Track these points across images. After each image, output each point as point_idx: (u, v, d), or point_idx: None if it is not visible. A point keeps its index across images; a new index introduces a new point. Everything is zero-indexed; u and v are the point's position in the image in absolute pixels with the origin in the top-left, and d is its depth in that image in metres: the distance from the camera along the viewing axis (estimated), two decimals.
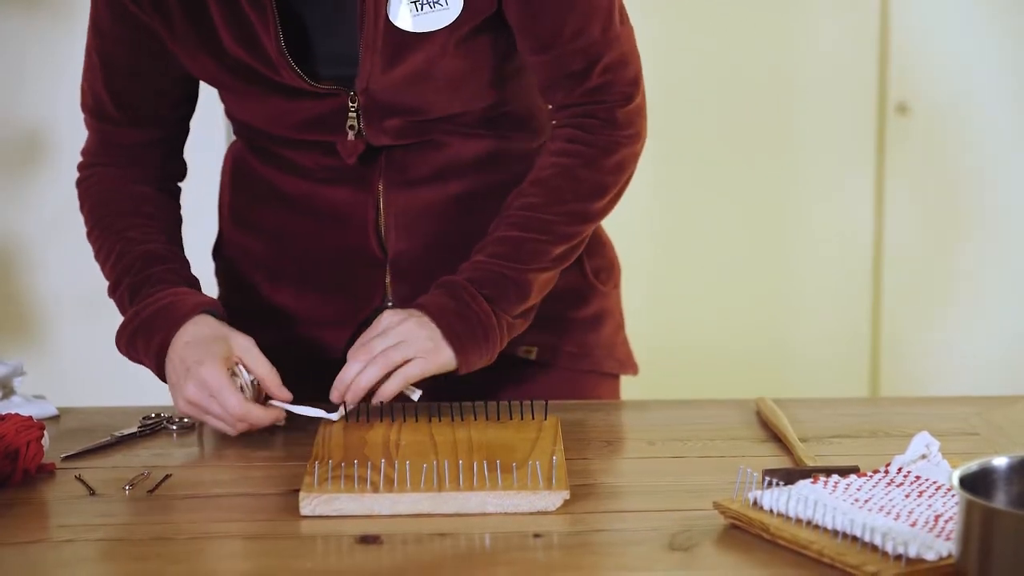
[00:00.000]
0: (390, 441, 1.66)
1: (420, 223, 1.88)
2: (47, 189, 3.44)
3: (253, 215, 1.96)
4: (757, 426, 1.78)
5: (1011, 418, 1.81)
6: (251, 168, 1.95)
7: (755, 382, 3.17)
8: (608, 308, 2.02)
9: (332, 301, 1.92)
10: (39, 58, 3.43)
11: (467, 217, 1.89)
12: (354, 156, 1.84)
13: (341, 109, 1.81)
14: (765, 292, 3.89)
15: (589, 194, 1.84)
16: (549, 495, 1.49)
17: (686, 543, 1.41)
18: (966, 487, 1.25)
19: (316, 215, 1.90)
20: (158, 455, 1.70)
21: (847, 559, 1.33)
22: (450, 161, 1.88)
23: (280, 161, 1.91)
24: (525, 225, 1.81)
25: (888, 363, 3.98)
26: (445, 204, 1.89)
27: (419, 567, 1.37)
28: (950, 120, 3.91)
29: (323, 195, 1.89)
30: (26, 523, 1.50)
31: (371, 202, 1.87)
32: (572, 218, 1.83)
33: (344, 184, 1.88)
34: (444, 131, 1.87)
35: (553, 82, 1.84)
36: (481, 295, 1.77)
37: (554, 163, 1.84)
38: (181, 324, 1.75)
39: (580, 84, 1.83)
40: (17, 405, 1.79)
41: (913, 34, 3.85)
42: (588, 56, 1.82)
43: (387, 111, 1.82)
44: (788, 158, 3.88)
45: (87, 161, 1.96)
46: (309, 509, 1.49)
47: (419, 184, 1.87)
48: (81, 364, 3.60)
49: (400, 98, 1.81)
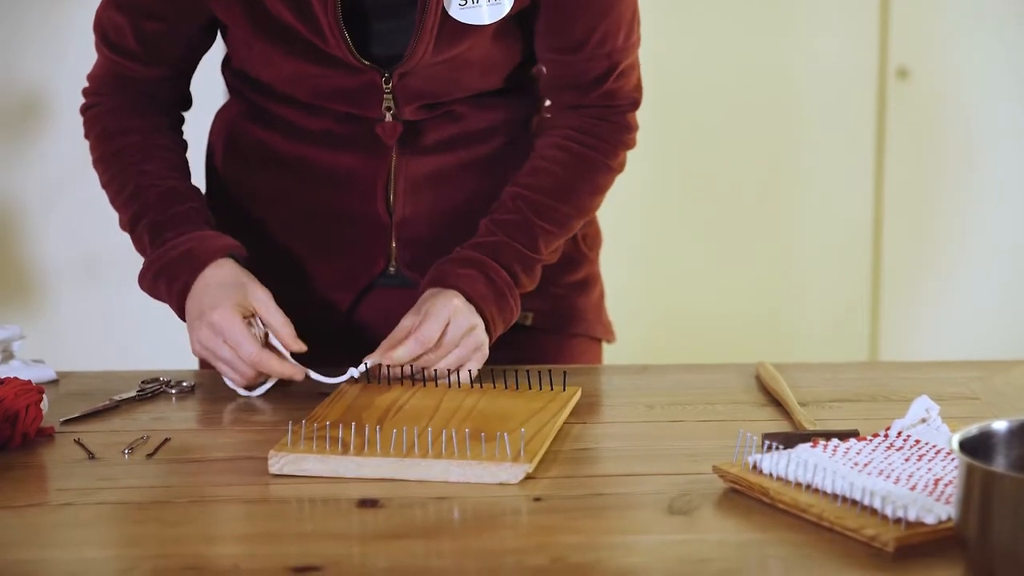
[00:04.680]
0: (395, 404, 1.66)
1: (428, 189, 1.89)
2: (47, 153, 3.44)
3: (244, 180, 1.95)
4: (757, 390, 1.78)
5: (1011, 382, 1.81)
6: (246, 133, 1.94)
7: (755, 349, 3.17)
8: (594, 274, 2.04)
9: (333, 265, 1.91)
10: (38, 22, 3.42)
11: (472, 183, 1.90)
12: (394, 138, 1.84)
13: (372, 87, 1.81)
14: (765, 260, 3.89)
15: (596, 190, 1.89)
16: (511, 467, 1.48)
17: (686, 507, 1.41)
18: (966, 451, 1.25)
19: (317, 179, 1.89)
20: (157, 419, 1.70)
21: (846, 523, 1.33)
22: (464, 131, 1.89)
23: (282, 125, 1.90)
24: (540, 213, 1.84)
25: (887, 329, 3.98)
26: (453, 171, 1.90)
27: (419, 530, 1.38)
28: (950, 84, 3.90)
29: (327, 159, 1.88)
30: (25, 487, 1.50)
31: (383, 167, 1.87)
32: (579, 212, 1.88)
33: (353, 150, 1.87)
34: (462, 103, 1.88)
35: (567, 83, 1.87)
36: (514, 282, 1.81)
37: (567, 152, 1.87)
38: (203, 268, 1.75)
39: (596, 88, 1.87)
40: (16, 369, 1.79)
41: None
42: (610, 62, 1.85)
43: (418, 93, 1.82)
44: (788, 124, 3.87)
45: (95, 88, 1.93)
46: (277, 468, 1.50)
47: (431, 151, 1.88)
48: (80, 328, 3.60)
49: (434, 81, 1.82)
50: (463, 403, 1.67)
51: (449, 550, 1.33)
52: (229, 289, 1.73)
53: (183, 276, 1.76)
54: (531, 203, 1.84)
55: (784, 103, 3.86)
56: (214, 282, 1.74)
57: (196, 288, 1.75)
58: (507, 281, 1.80)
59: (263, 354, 1.70)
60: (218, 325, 1.70)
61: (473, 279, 1.78)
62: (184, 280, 1.76)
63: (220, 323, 1.70)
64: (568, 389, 1.72)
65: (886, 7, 3.82)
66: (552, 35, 1.84)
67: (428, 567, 1.30)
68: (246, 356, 1.69)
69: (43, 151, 3.44)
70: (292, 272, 1.92)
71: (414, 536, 1.36)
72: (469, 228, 1.86)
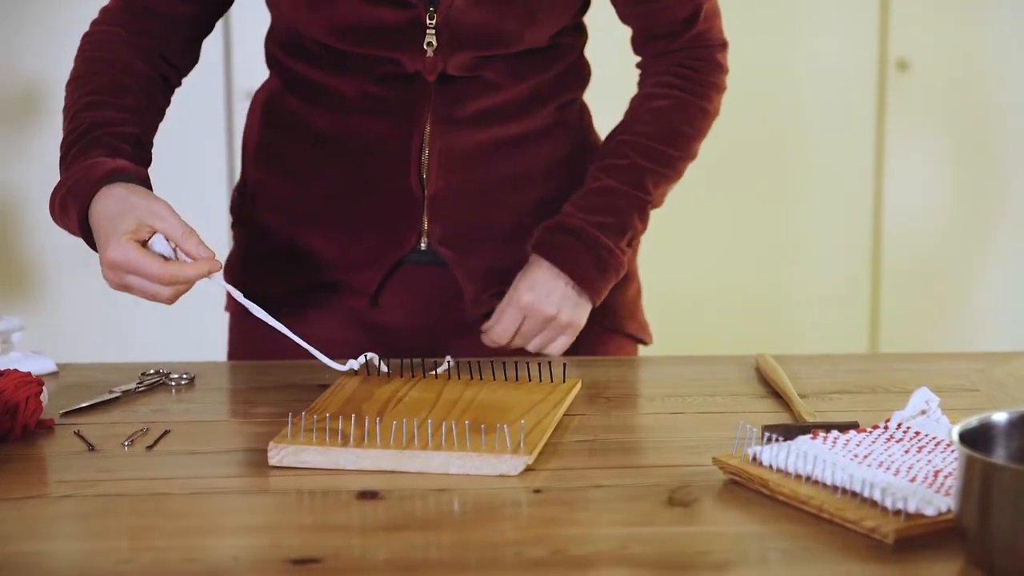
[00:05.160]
0: (395, 396, 1.66)
1: (461, 162, 1.88)
2: (47, 144, 3.43)
3: (280, 154, 1.94)
4: (757, 382, 1.78)
5: (1011, 374, 1.81)
6: (283, 104, 1.93)
7: (755, 341, 3.17)
8: (632, 271, 2.02)
9: (363, 241, 1.90)
10: (38, 11, 3.42)
11: (505, 161, 1.90)
12: (435, 74, 1.83)
13: (416, 24, 1.80)
14: (765, 251, 3.89)
15: (697, 133, 1.93)
16: (511, 459, 1.48)
17: (686, 498, 1.41)
18: (966, 442, 1.25)
19: (350, 151, 1.88)
20: (157, 411, 1.70)
21: (846, 514, 1.33)
22: (498, 104, 1.88)
23: (317, 92, 1.89)
24: (647, 155, 1.88)
25: (887, 321, 3.99)
26: (487, 148, 1.89)
27: (419, 522, 1.37)
28: (951, 76, 3.89)
29: (361, 127, 1.87)
30: (25, 479, 1.50)
31: (416, 136, 1.86)
32: (685, 155, 1.92)
33: (386, 116, 1.86)
34: (499, 71, 1.86)
35: (656, 31, 1.91)
36: (618, 249, 1.87)
37: (665, 98, 1.91)
38: (89, 200, 1.70)
39: (686, 30, 1.91)
40: (16, 361, 1.79)
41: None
42: (694, 3, 1.89)
43: (462, 35, 1.81)
44: (788, 116, 3.87)
45: (102, 18, 1.91)
46: (276, 460, 1.50)
47: (465, 123, 1.87)
48: (80, 320, 3.61)
49: (477, 21, 1.81)
50: (463, 395, 1.67)
51: (449, 542, 1.33)
52: (116, 219, 1.66)
53: (74, 210, 1.71)
54: (635, 146, 1.89)
55: (784, 94, 3.86)
56: (104, 214, 1.67)
57: (92, 223, 1.69)
58: (607, 246, 1.85)
59: (169, 268, 1.64)
60: (116, 260, 1.65)
61: (575, 250, 1.85)
62: (76, 215, 1.71)
63: (116, 257, 1.64)
64: (568, 381, 1.72)
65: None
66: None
67: (428, 559, 1.30)
68: (156, 278, 1.64)
69: (43, 145, 3.44)
70: (323, 251, 1.91)
71: (414, 528, 1.36)
72: (502, 207, 1.88)
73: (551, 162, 1.93)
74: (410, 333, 1.93)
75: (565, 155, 1.94)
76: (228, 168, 3.66)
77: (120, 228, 1.65)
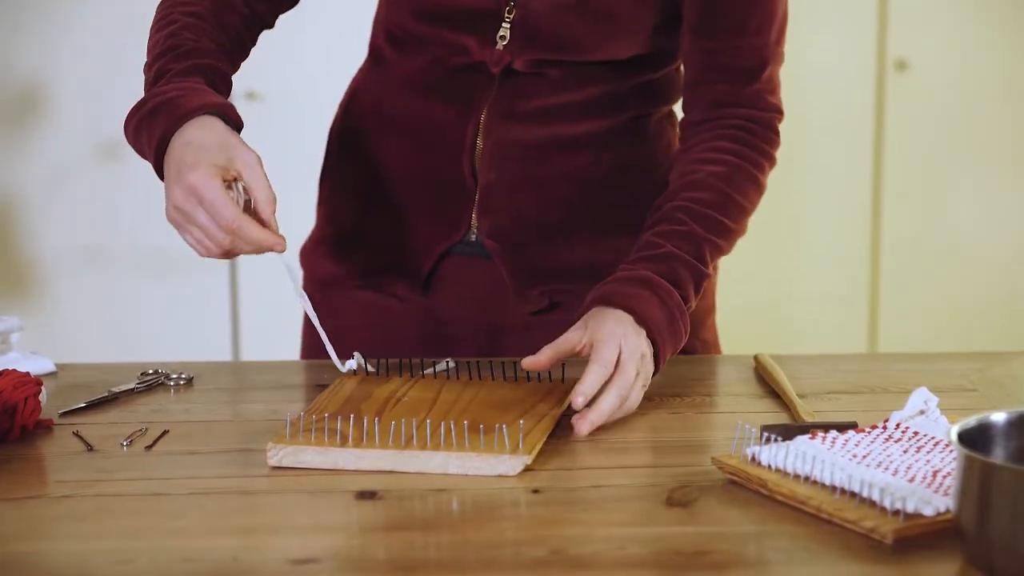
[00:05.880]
0: (393, 396, 1.66)
1: (515, 157, 1.86)
2: (47, 146, 3.44)
3: (355, 139, 1.95)
4: (755, 382, 1.78)
5: (1009, 374, 1.81)
6: (364, 93, 1.95)
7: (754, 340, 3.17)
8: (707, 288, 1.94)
9: (416, 227, 1.90)
10: (38, 11, 3.42)
11: (561, 160, 1.87)
12: (500, 66, 1.82)
13: (494, 14, 1.80)
14: (764, 251, 3.89)
15: (751, 205, 1.83)
16: (509, 459, 1.48)
17: (684, 498, 1.41)
18: (964, 443, 1.25)
19: (414, 136, 1.89)
20: (156, 411, 1.70)
21: (845, 514, 1.33)
22: (561, 104, 1.85)
23: (392, 74, 1.90)
24: (706, 224, 1.76)
25: (886, 321, 3.99)
26: (543, 143, 1.86)
27: (417, 523, 1.37)
28: (949, 76, 3.90)
29: (424, 112, 1.87)
30: (24, 479, 1.50)
31: (472, 126, 1.85)
32: (739, 226, 1.81)
33: (448, 103, 1.86)
34: (567, 73, 1.84)
35: (718, 74, 1.82)
36: (685, 306, 1.71)
37: (719, 160, 1.81)
38: (184, 121, 1.64)
39: (748, 83, 1.83)
40: (15, 361, 1.79)
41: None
42: (761, 57, 1.82)
43: (536, 34, 1.80)
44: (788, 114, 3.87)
45: None
46: (275, 460, 1.49)
47: (523, 119, 1.85)
48: (79, 320, 3.60)
49: (553, 25, 1.79)
50: (462, 395, 1.67)
51: (448, 542, 1.33)
52: (212, 149, 1.61)
53: (160, 125, 1.65)
54: (694, 214, 1.76)
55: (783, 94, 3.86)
56: (196, 140, 1.62)
57: (176, 144, 1.63)
58: (678, 303, 1.69)
59: (242, 219, 1.58)
60: (195, 187, 1.58)
61: (646, 300, 1.67)
62: (162, 130, 1.64)
63: (198, 184, 1.58)
64: (567, 381, 1.72)
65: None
66: (705, 15, 1.80)
67: (427, 559, 1.30)
68: (225, 222, 1.58)
69: (43, 144, 3.44)
70: (382, 235, 1.92)
71: (413, 528, 1.36)
72: (555, 205, 1.86)
73: (613, 168, 1.89)
74: (463, 326, 1.92)
75: (631, 164, 1.90)
76: None
77: (211, 158, 1.60)
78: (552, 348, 1.65)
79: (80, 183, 3.49)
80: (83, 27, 3.32)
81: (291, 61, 3.52)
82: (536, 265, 1.89)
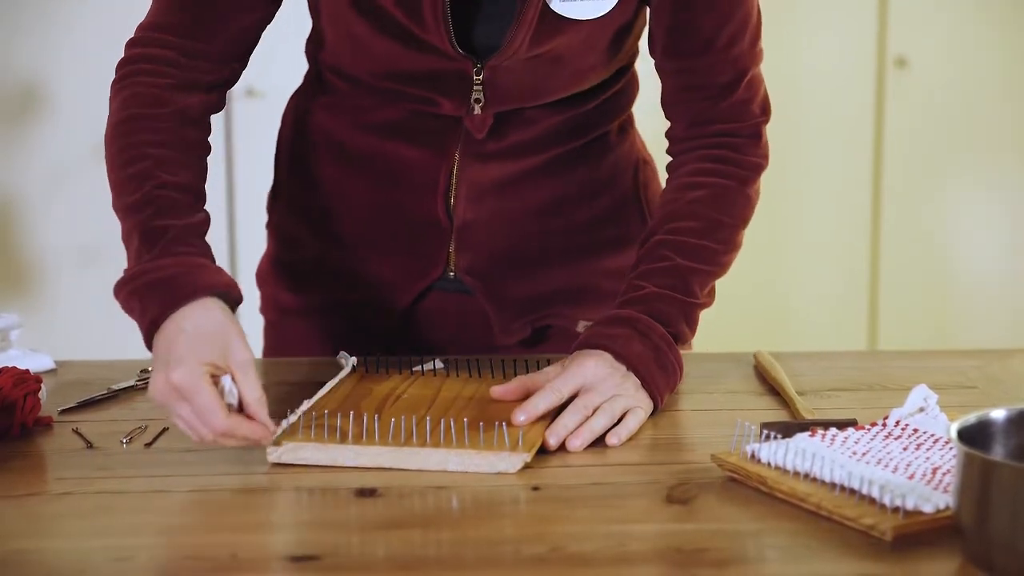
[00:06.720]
0: (393, 394, 1.66)
1: (490, 194, 1.84)
2: (46, 144, 3.44)
3: (311, 167, 1.91)
4: (755, 379, 1.78)
5: (1009, 371, 1.81)
6: (316, 121, 1.89)
7: (753, 338, 3.17)
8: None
9: (392, 265, 1.88)
10: (37, 10, 3.42)
11: (535, 190, 1.86)
12: (484, 131, 1.79)
13: (462, 77, 1.75)
14: (763, 248, 3.89)
15: (740, 223, 1.78)
16: (509, 456, 1.48)
17: (684, 496, 1.41)
18: (964, 440, 1.25)
19: (381, 175, 1.85)
20: (155, 408, 1.69)
21: (845, 511, 1.33)
22: (532, 137, 1.83)
23: (353, 114, 1.85)
24: (690, 254, 1.72)
25: (886, 318, 3.99)
26: (516, 177, 1.84)
27: (417, 520, 1.38)
28: (949, 73, 3.90)
29: (393, 154, 1.84)
30: (24, 476, 1.50)
31: (444, 168, 1.83)
32: (728, 248, 1.77)
33: (417, 146, 1.82)
34: (537, 110, 1.82)
35: (693, 93, 1.78)
36: (669, 336, 1.67)
37: (701, 184, 1.77)
38: (182, 305, 1.53)
39: (726, 97, 1.77)
40: (14, 358, 1.79)
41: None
42: (736, 68, 1.76)
43: (507, 91, 1.77)
44: (786, 113, 3.87)
45: (145, 37, 1.75)
46: (275, 456, 1.49)
47: (496, 156, 1.83)
48: (79, 317, 3.61)
49: (524, 81, 1.77)
50: (461, 392, 1.67)
51: (447, 539, 1.33)
52: (206, 343, 1.50)
53: (155, 306, 1.55)
54: (676, 246, 1.72)
55: (783, 92, 3.85)
56: (191, 329, 1.51)
57: (169, 328, 1.52)
58: (663, 336, 1.66)
59: (232, 422, 1.49)
60: (180, 387, 1.48)
61: (625, 338, 1.64)
62: (156, 312, 1.55)
63: (183, 385, 1.47)
64: None
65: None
66: (674, 37, 1.75)
67: (426, 556, 1.30)
68: (216, 429, 1.48)
69: (42, 142, 3.44)
70: (350, 270, 1.90)
71: (412, 525, 1.36)
72: (531, 236, 1.85)
73: (583, 186, 1.88)
74: (447, 354, 1.88)
75: (600, 177, 1.89)
76: (226, 167, 3.66)
77: (202, 354, 1.49)
78: (521, 379, 1.64)
79: (80, 183, 3.49)
80: (83, 27, 3.32)
81: (291, 59, 3.52)
82: (518, 296, 1.88)
